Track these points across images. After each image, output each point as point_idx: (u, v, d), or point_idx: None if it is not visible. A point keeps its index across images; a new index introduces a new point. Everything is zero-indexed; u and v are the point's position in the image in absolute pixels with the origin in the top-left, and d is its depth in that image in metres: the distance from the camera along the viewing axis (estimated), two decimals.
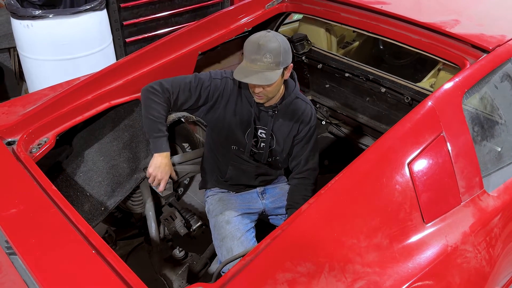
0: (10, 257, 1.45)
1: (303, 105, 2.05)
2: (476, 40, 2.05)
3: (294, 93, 2.03)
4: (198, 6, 4.17)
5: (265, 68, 1.79)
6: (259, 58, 1.79)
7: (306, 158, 2.09)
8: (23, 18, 3.24)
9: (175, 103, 2.00)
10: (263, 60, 1.79)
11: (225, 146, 2.11)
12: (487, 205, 1.79)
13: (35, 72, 3.50)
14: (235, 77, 1.83)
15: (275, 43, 1.80)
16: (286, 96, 2.00)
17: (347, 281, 1.41)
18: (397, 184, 1.59)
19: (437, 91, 1.79)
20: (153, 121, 1.96)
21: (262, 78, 1.79)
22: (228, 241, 1.97)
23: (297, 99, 2.04)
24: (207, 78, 2.02)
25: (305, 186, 2.07)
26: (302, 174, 2.09)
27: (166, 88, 1.98)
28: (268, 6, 2.71)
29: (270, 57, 1.78)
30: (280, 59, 1.80)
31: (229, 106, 2.02)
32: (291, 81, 2.04)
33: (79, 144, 2.24)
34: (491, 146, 1.98)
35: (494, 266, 1.73)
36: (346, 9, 2.51)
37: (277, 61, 1.80)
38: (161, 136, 1.98)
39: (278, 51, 1.79)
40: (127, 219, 2.64)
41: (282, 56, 1.81)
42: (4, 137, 1.93)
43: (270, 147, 2.07)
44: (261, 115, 2.01)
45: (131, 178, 2.33)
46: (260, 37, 1.81)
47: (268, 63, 1.79)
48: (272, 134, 2.04)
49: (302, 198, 2.00)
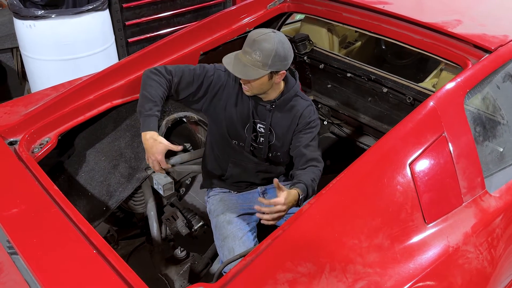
0: (11, 256, 1.46)
1: (302, 102, 2.05)
2: (478, 40, 2.04)
3: (294, 90, 2.03)
4: (200, 6, 4.18)
5: (251, 63, 1.83)
6: (249, 52, 1.83)
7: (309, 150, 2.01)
8: (25, 18, 3.25)
9: (176, 89, 2.01)
10: (252, 55, 1.82)
11: (225, 141, 2.11)
12: (489, 205, 1.79)
13: (37, 72, 3.51)
14: (223, 60, 1.87)
15: (269, 44, 1.81)
16: (285, 92, 2.02)
17: (348, 282, 1.41)
18: (398, 184, 1.58)
19: (439, 91, 1.79)
20: (147, 99, 1.92)
21: (243, 72, 1.83)
22: (229, 241, 1.97)
23: (297, 96, 2.05)
24: (211, 68, 2.05)
25: (312, 170, 1.97)
26: (307, 164, 2.00)
27: (169, 70, 2.01)
28: (270, 6, 2.71)
29: (259, 56, 1.81)
30: (268, 61, 1.82)
31: (230, 99, 2.03)
32: (292, 79, 2.05)
33: (81, 144, 2.25)
34: (493, 146, 1.98)
35: (496, 267, 1.73)
36: (348, 9, 2.51)
37: (265, 62, 1.82)
38: (151, 115, 1.91)
39: (269, 53, 1.81)
40: (129, 219, 2.64)
41: (272, 60, 1.82)
42: (6, 137, 1.94)
43: (270, 142, 2.07)
44: (259, 109, 2.02)
45: (132, 178, 2.33)
46: (260, 33, 1.84)
47: (255, 60, 1.82)
48: (271, 129, 2.04)
49: (310, 178, 1.90)
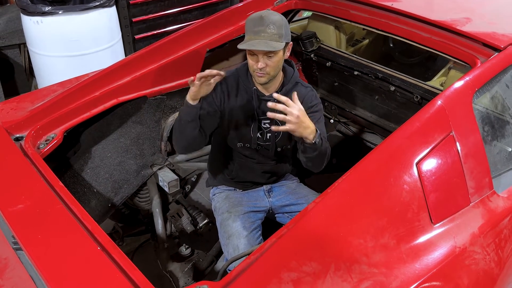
0: (16, 252, 1.46)
1: (303, 89, 2.04)
2: (487, 39, 2.02)
3: (294, 78, 2.03)
4: (207, 3, 4.18)
5: (269, 38, 1.81)
6: (263, 29, 1.81)
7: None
8: (33, 14, 3.27)
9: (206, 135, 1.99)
10: (266, 31, 1.80)
11: (231, 143, 2.10)
12: (496, 206, 1.77)
13: (44, 68, 3.52)
14: (240, 47, 1.84)
15: (276, 15, 1.85)
16: (285, 82, 2.01)
17: (353, 281, 1.40)
18: (405, 184, 1.57)
19: (447, 90, 1.77)
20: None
21: (268, 45, 1.80)
22: (234, 239, 1.97)
23: (297, 84, 2.04)
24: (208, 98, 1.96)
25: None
26: None
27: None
28: (277, 3, 2.70)
29: (274, 28, 1.81)
30: (282, 31, 1.83)
31: (231, 103, 2.02)
32: (290, 68, 2.05)
33: (86, 140, 2.25)
34: (502, 146, 1.95)
35: (503, 268, 1.71)
36: (356, 6, 2.49)
37: (280, 33, 1.82)
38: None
39: (281, 23, 1.83)
40: (134, 216, 2.65)
41: (284, 29, 1.84)
42: (12, 133, 1.94)
43: (276, 137, 2.06)
44: (262, 106, 2.00)
45: (138, 174, 2.34)
46: (261, 12, 1.85)
47: (272, 34, 1.81)
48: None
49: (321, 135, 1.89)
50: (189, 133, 1.93)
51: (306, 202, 2.08)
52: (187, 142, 1.97)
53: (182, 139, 1.97)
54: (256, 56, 1.85)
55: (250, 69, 1.93)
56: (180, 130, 1.94)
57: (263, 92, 2.00)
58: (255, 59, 1.86)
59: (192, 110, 1.87)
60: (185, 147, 2.05)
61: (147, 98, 2.36)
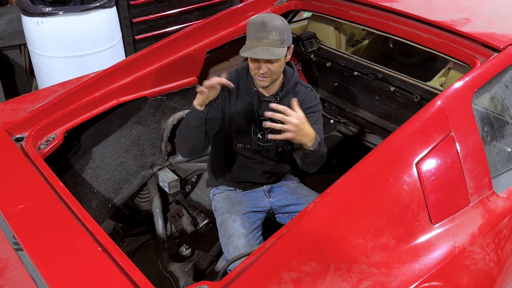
0: (17, 252, 1.46)
1: (303, 89, 2.05)
2: (487, 39, 2.02)
3: (294, 78, 2.04)
4: (208, 3, 4.18)
5: (271, 45, 1.81)
6: (265, 36, 1.80)
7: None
8: (33, 15, 3.27)
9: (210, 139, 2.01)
10: (269, 37, 1.80)
11: (232, 144, 2.10)
12: (496, 206, 1.77)
13: (45, 68, 3.52)
14: (242, 54, 1.84)
15: (279, 20, 1.84)
16: (286, 83, 2.02)
17: (352, 281, 1.40)
18: (404, 184, 1.57)
19: (446, 90, 1.77)
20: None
21: (270, 53, 1.81)
22: (234, 239, 1.97)
23: (297, 84, 2.05)
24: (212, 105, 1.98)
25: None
26: None
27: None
28: (277, 3, 2.70)
29: (276, 34, 1.80)
30: (285, 36, 1.83)
31: (232, 104, 2.02)
32: (289, 68, 2.05)
33: (87, 141, 2.25)
34: (501, 146, 1.96)
35: (503, 268, 1.71)
36: (356, 7, 2.49)
37: (282, 39, 1.82)
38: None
39: (283, 28, 1.83)
40: (135, 216, 2.65)
41: (286, 34, 1.84)
42: (13, 134, 1.95)
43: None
44: (262, 107, 2.01)
45: (138, 175, 2.34)
46: (264, 16, 1.84)
47: (274, 40, 1.81)
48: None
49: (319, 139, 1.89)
50: (195, 138, 1.95)
51: (306, 202, 2.08)
52: (193, 146, 1.99)
53: (188, 143, 1.99)
54: (258, 63, 1.86)
55: (251, 72, 1.93)
56: (187, 134, 1.96)
57: (264, 93, 2.01)
58: (257, 65, 1.87)
59: (199, 116, 1.89)
60: (191, 151, 2.07)
61: (147, 98, 2.36)
